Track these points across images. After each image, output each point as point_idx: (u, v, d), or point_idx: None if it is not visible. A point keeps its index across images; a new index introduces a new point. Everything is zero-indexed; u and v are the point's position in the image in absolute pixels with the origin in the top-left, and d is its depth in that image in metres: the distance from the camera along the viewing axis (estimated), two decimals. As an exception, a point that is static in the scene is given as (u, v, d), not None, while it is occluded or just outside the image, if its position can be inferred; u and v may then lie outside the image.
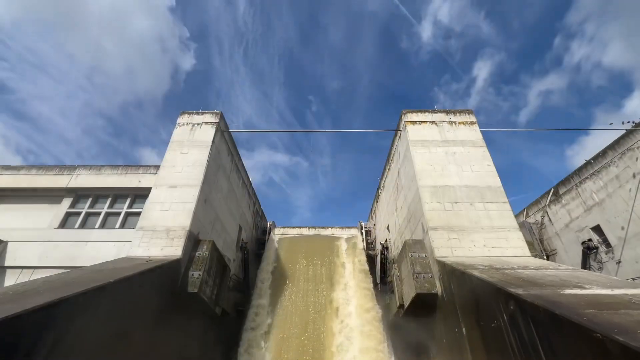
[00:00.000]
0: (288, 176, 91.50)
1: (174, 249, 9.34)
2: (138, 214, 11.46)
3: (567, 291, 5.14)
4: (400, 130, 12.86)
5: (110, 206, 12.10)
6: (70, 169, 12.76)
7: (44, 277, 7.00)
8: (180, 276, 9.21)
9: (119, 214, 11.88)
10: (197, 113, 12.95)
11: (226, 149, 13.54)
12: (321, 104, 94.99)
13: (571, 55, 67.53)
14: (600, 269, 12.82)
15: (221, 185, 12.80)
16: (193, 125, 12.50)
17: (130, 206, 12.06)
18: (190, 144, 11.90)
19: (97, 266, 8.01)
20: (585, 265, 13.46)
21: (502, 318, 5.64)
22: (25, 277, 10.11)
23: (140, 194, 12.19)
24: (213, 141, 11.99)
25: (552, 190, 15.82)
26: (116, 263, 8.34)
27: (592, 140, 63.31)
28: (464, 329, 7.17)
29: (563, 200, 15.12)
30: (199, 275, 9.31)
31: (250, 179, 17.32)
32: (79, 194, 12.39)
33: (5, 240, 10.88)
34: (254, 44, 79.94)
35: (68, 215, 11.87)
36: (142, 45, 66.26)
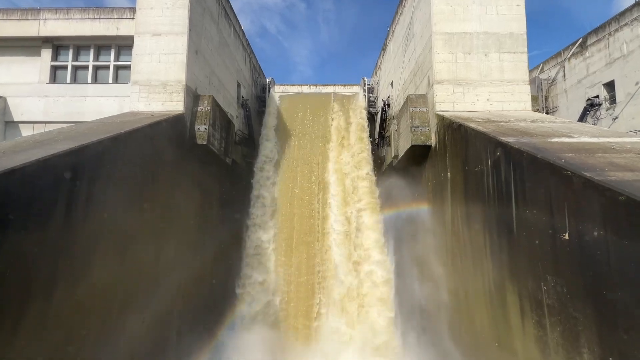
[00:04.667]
0: (284, 24, 79.86)
1: (175, 104, 9.38)
2: (129, 67, 10.83)
3: (555, 139, 5.45)
4: (422, -43, 10.32)
5: (96, 59, 11.31)
6: (34, 12, 11.16)
7: (57, 129, 7.33)
8: (188, 130, 9.66)
9: (107, 67, 11.25)
10: None
11: (209, -16, 11.30)
12: None
13: None
14: (595, 124, 13.15)
15: (211, 34, 11.47)
16: (161, -53, 9.95)
17: (117, 59, 11.25)
18: (164, -23, 9.84)
19: (105, 119, 8.25)
20: (582, 120, 13.72)
21: (486, 163, 6.24)
22: (38, 130, 10.59)
23: (123, 44, 11.14)
24: (191, -27, 9.86)
25: (580, 40, 14.20)
26: (122, 117, 8.55)
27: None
28: (449, 174, 8.07)
29: (587, 53, 13.82)
30: (205, 129, 9.73)
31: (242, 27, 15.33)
32: (56, 44, 11.34)
33: (2, 95, 10.76)
34: None
35: (55, 69, 11.26)
36: None
